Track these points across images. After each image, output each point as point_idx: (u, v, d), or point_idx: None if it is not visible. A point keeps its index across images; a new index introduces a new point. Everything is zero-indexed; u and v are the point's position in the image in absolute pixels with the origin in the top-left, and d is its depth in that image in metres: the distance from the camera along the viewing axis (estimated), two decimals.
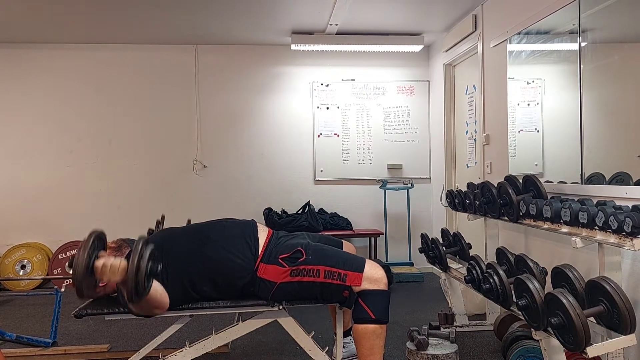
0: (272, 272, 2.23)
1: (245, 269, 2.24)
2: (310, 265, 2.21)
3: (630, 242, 1.93)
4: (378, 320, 2.14)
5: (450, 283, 3.33)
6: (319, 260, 2.22)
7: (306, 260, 2.21)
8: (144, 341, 2.73)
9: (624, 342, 1.83)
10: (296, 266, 2.21)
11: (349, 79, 5.46)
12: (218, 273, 2.24)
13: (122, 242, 2.41)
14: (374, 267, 2.23)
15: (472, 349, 3.06)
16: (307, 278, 2.20)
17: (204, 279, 2.24)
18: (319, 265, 2.20)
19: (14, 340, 3.13)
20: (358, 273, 2.18)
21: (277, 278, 2.22)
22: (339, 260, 2.23)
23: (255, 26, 4.71)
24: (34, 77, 5.18)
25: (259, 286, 2.25)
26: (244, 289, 2.28)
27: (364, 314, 2.15)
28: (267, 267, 2.24)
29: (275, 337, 3.25)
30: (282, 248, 2.27)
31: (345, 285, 2.18)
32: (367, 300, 2.16)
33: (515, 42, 3.53)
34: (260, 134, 5.41)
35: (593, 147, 2.77)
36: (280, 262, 2.23)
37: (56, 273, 4.99)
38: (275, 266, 2.23)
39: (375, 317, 2.14)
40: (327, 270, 2.20)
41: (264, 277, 2.23)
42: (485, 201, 3.01)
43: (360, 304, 2.17)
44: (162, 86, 5.31)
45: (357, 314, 2.18)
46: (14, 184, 5.17)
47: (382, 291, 2.18)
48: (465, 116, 4.67)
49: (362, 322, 2.16)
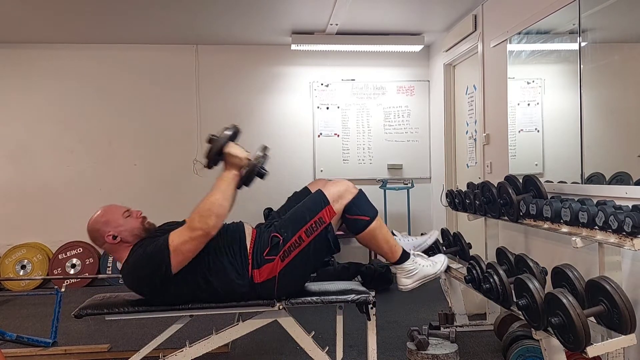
0: (266, 271, 2.21)
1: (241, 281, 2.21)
2: (291, 240, 2.20)
3: (630, 242, 1.93)
4: (371, 218, 2.29)
5: (450, 283, 3.33)
6: (293, 230, 2.22)
7: (285, 239, 2.20)
8: (144, 341, 2.72)
9: (624, 342, 1.83)
10: (281, 250, 2.20)
11: (349, 79, 5.46)
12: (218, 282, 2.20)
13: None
14: (335, 184, 2.33)
15: (472, 349, 3.06)
16: (296, 250, 2.20)
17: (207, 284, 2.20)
18: (297, 233, 2.21)
19: (14, 340, 3.13)
20: (326, 206, 2.24)
21: (274, 271, 2.21)
22: (305, 213, 2.25)
23: (255, 26, 4.71)
24: (34, 77, 5.18)
25: (261, 291, 2.23)
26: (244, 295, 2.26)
27: (358, 223, 2.29)
28: (260, 271, 2.21)
29: (275, 337, 3.25)
30: (263, 245, 2.24)
31: (327, 224, 2.23)
32: (352, 212, 2.28)
33: (515, 42, 3.53)
34: (260, 134, 5.41)
35: (593, 147, 2.77)
36: (267, 258, 2.20)
37: (56, 273, 4.99)
38: (265, 265, 2.20)
39: (368, 218, 2.29)
40: (305, 229, 2.21)
41: (261, 280, 2.21)
42: (485, 201, 3.01)
43: (349, 218, 2.29)
44: (162, 86, 5.31)
45: (354, 228, 2.31)
46: (14, 183, 5.17)
47: (358, 195, 2.32)
48: (466, 116, 4.67)
49: (362, 230, 2.29)
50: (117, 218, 2.24)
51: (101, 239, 2.22)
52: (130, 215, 2.30)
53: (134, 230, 2.24)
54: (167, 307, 2.28)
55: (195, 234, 2.08)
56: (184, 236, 2.08)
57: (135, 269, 2.14)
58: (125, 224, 2.23)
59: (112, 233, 2.20)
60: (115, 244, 2.21)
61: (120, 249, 2.23)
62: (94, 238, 2.25)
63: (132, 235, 2.23)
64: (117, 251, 2.24)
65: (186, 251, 2.08)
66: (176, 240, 2.08)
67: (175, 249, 2.06)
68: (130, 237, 2.22)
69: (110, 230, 2.21)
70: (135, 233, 2.24)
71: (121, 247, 2.22)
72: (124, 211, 2.29)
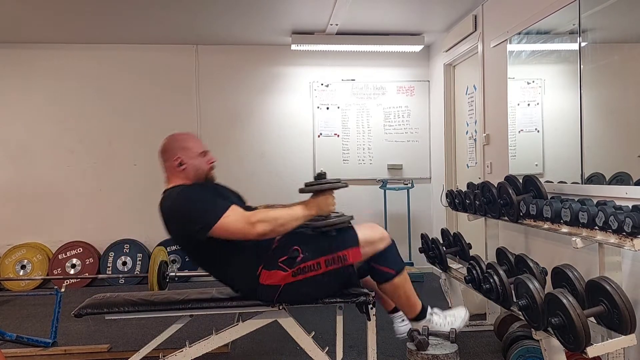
0: (275, 277, 2.20)
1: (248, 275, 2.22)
2: (309, 261, 2.20)
3: (630, 242, 1.93)
4: (396, 272, 2.25)
5: (450, 283, 3.33)
6: (314, 253, 2.21)
7: (304, 259, 2.20)
8: (144, 341, 2.72)
9: (624, 342, 1.83)
10: (296, 266, 2.19)
11: (349, 79, 5.45)
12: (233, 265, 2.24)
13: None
14: (371, 229, 2.28)
15: (472, 349, 3.06)
16: (310, 273, 2.19)
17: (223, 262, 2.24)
18: (317, 258, 2.20)
19: (14, 340, 3.13)
20: (354, 248, 2.21)
21: (281, 281, 2.20)
22: (333, 243, 2.23)
23: (255, 26, 4.71)
24: (34, 77, 5.18)
25: (261, 292, 2.24)
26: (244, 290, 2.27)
27: (385, 274, 2.25)
28: (269, 273, 2.21)
29: (275, 337, 3.25)
30: (282, 251, 2.24)
31: (347, 264, 2.21)
32: (381, 261, 2.24)
33: (515, 42, 3.53)
34: (261, 134, 5.41)
35: (593, 147, 2.77)
36: (281, 265, 2.20)
37: (56, 273, 4.99)
38: (276, 271, 2.20)
39: (395, 272, 2.25)
40: (326, 259, 2.20)
41: (266, 283, 2.21)
42: (485, 201, 3.02)
43: (376, 267, 2.25)
44: (162, 86, 5.30)
45: (378, 277, 2.28)
46: (15, 183, 5.17)
47: (388, 246, 2.25)
48: (466, 116, 4.67)
49: (387, 281, 2.26)
50: (194, 151, 2.30)
51: (169, 157, 2.28)
52: (205, 156, 2.34)
53: (198, 171, 2.30)
54: (167, 307, 2.29)
55: (247, 229, 2.08)
56: (239, 223, 2.08)
57: (180, 206, 2.16)
58: (196, 161, 2.30)
59: (182, 160, 2.27)
60: (176, 169, 2.27)
61: (176, 176, 2.28)
62: (164, 151, 2.32)
63: (195, 173, 2.29)
64: (172, 175, 2.30)
65: (229, 233, 2.10)
66: (231, 219, 2.08)
67: (224, 225, 2.07)
68: (192, 174, 2.28)
69: (182, 156, 2.27)
70: (198, 174, 2.29)
71: (178, 176, 2.28)
72: (202, 150, 2.34)
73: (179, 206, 2.16)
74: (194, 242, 2.19)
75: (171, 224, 2.22)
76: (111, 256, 5.12)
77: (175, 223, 2.20)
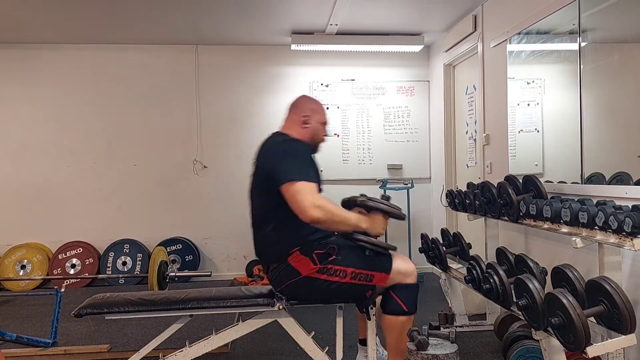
0: (302, 264, 2.23)
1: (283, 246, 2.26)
2: (338, 265, 2.23)
3: (630, 242, 1.93)
4: (409, 312, 2.29)
5: (450, 283, 3.33)
6: (347, 261, 2.24)
7: (335, 260, 2.22)
8: (144, 341, 2.72)
9: (624, 342, 1.83)
10: (325, 265, 2.22)
11: (349, 79, 5.45)
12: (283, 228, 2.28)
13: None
14: (405, 262, 2.34)
15: (472, 349, 3.06)
16: (334, 278, 2.23)
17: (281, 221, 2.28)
18: (348, 266, 2.23)
19: (14, 340, 3.13)
20: (385, 274, 2.26)
21: (304, 270, 2.23)
22: (369, 260, 2.26)
23: (255, 26, 4.71)
24: (34, 77, 5.18)
25: (282, 272, 2.26)
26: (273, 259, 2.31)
27: (396, 306, 2.28)
28: (300, 258, 2.24)
29: (275, 337, 3.25)
30: (320, 243, 2.27)
31: (370, 285, 2.27)
32: (400, 294, 2.28)
33: (515, 42, 3.53)
34: (261, 134, 5.30)
35: (593, 147, 2.77)
36: (314, 256, 2.23)
37: (56, 273, 4.99)
38: (308, 259, 2.22)
39: (407, 310, 2.28)
40: (354, 272, 2.23)
41: (292, 264, 2.24)
42: (485, 201, 3.01)
43: (393, 296, 2.28)
44: (162, 86, 5.30)
45: (388, 306, 2.29)
46: (15, 183, 5.17)
47: (414, 284, 2.31)
48: (465, 116, 4.67)
49: (394, 314, 2.28)
50: (320, 118, 2.48)
51: (298, 111, 2.46)
52: (323, 127, 2.50)
53: (315, 136, 2.46)
54: (166, 307, 2.29)
55: (306, 207, 2.09)
56: (306, 197, 2.11)
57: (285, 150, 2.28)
58: (318, 126, 2.46)
59: (308, 119, 2.44)
60: (299, 124, 2.43)
61: (294, 129, 2.42)
62: (296, 105, 2.52)
63: (311, 136, 2.43)
64: (291, 126, 2.45)
65: (292, 199, 2.13)
66: (304, 190, 2.12)
67: (296, 189, 2.12)
68: (309, 135, 2.43)
69: (310, 118, 2.44)
70: (313, 139, 2.45)
71: (297, 130, 2.42)
72: (325, 120, 2.51)
73: (285, 150, 2.28)
74: (268, 185, 2.24)
75: (266, 158, 2.33)
76: (111, 256, 5.12)
77: (271, 159, 2.29)
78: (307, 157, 2.30)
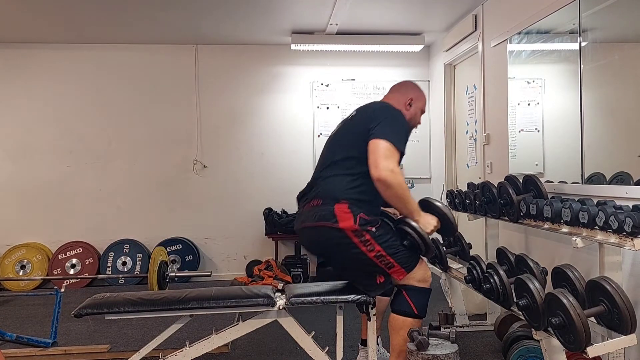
0: (345, 217, 2.25)
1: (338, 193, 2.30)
2: (372, 238, 2.25)
3: (630, 242, 1.93)
4: (418, 315, 2.31)
5: (450, 283, 3.33)
6: (381, 240, 2.26)
7: (372, 232, 2.25)
8: (144, 341, 2.72)
9: (625, 342, 1.83)
10: (362, 230, 2.24)
11: (349, 79, 5.45)
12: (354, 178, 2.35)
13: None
14: (425, 268, 2.37)
15: (472, 349, 3.05)
16: (361, 246, 2.25)
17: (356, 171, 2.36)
18: (378, 244, 2.25)
19: (14, 340, 3.13)
20: (405, 270, 2.29)
21: (342, 223, 2.24)
22: (398, 251, 2.29)
23: (255, 26, 4.71)
24: (34, 77, 5.18)
25: (323, 210, 2.29)
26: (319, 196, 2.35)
27: (407, 307, 2.30)
28: (347, 212, 2.25)
29: (275, 337, 3.25)
30: (371, 209, 2.32)
31: (386, 272, 2.29)
32: (413, 296, 2.31)
33: (515, 41, 3.53)
34: (260, 134, 5.41)
35: (593, 146, 2.77)
36: (359, 217, 2.25)
37: (56, 273, 4.99)
38: (352, 217, 2.24)
39: (417, 313, 2.31)
40: (381, 252, 2.26)
41: (336, 212, 2.26)
42: (485, 201, 3.01)
43: (405, 297, 2.31)
44: (162, 86, 5.30)
45: (399, 306, 2.32)
46: (14, 183, 5.17)
47: (427, 289, 2.34)
48: (466, 116, 4.67)
49: (403, 315, 2.31)
50: (422, 105, 2.62)
51: (405, 92, 2.58)
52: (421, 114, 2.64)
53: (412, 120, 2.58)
54: (166, 307, 2.28)
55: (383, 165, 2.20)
56: (388, 156, 2.22)
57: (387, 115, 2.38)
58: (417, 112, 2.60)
59: (411, 103, 2.56)
60: (403, 104, 2.54)
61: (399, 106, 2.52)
62: (403, 86, 2.64)
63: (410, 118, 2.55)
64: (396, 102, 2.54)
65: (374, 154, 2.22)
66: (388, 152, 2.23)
67: (382, 147, 2.22)
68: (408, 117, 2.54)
69: (414, 103, 2.57)
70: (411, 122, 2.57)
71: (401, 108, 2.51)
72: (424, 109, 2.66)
73: (392, 115, 2.40)
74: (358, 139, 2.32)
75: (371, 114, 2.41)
76: (111, 256, 5.12)
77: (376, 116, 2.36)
78: (406, 129, 2.43)
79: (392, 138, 2.25)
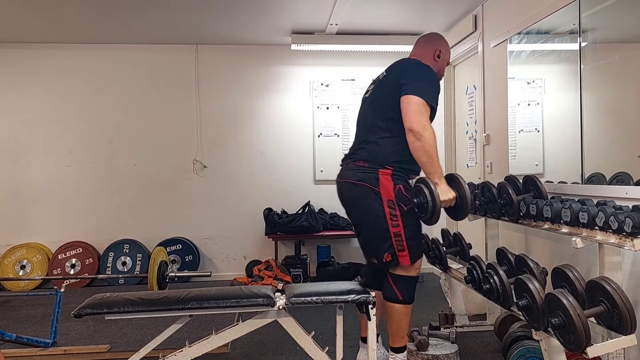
0: (387, 183, 2.40)
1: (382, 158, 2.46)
2: (400, 215, 2.42)
3: (630, 242, 1.93)
4: (404, 301, 2.49)
5: (450, 283, 3.33)
6: (406, 222, 2.43)
7: (403, 211, 2.42)
8: (144, 341, 2.72)
9: (625, 343, 1.83)
10: (396, 205, 2.41)
11: (349, 79, 5.45)
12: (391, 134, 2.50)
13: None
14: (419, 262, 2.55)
15: (472, 349, 3.06)
16: (387, 218, 2.41)
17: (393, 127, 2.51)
18: (402, 224, 2.42)
19: (14, 340, 3.13)
20: (410, 259, 2.45)
21: (382, 189, 2.41)
22: (417, 241, 2.49)
23: (255, 26, 4.71)
24: (34, 77, 5.18)
25: (368, 171, 2.44)
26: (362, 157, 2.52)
27: (391, 293, 2.50)
28: (388, 178, 2.42)
29: (275, 337, 3.25)
30: (407, 188, 2.45)
31: (395, 253, 2.44)
32: (397, 284, 2.49)
33: (515, 42, 3.53)
34: (260, 134, 5.41)
35: (593, 147, 2.77)
36: (398, 188, 2.42)
37: (56, 273, 4.99)
38: (392, 185, 2.41)
39: (402, 299, 2.48)
40: (400, 233, 2.42)
41: (379, 176, 2.41)
42: (485, 201, 3.01)
43: (391, 284, 2.50)
44: (162, 86, 5.30)
45: (387, 293, 2.52)
46: (14, 183, 5.17)
47: (411, 277, 2.51)
48: (466, 116, 4.67)
49: (391, 301, 2.50)
50: (447, 58, 2.74)
51: (433, 45, 2.70)
52: (446, 66, 2.75)
53: (439, 72, 2.67)
54: (166, 307, 2.28)
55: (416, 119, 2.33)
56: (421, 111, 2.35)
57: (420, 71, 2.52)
58: (444, 63, 2.71)
59: (440, 55, 2.68)
60: (431, 56, 2.66)
61: (427, 59, 2.64)
62: (432, 39, 2.75)
63: (437, 70, 2.64)
64: (424, 56, 2.67)
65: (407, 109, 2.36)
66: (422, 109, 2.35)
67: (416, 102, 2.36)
68: (436, 68, 2.64)
69: (442, 55, 2.69)
70: (438, 71, 2.66)
71: (429, 61, 2.63)
72: (449, 61, 2.80)
73: (424, 71, 2.52)
74: (392, 98, 2.45)
75: (402, 72, 2.54)
76: (111, 256, 5.12)
77: (407, 73, 2.50)
78: (437, 85, 2.52)
79: (424, 94, 2.35)
